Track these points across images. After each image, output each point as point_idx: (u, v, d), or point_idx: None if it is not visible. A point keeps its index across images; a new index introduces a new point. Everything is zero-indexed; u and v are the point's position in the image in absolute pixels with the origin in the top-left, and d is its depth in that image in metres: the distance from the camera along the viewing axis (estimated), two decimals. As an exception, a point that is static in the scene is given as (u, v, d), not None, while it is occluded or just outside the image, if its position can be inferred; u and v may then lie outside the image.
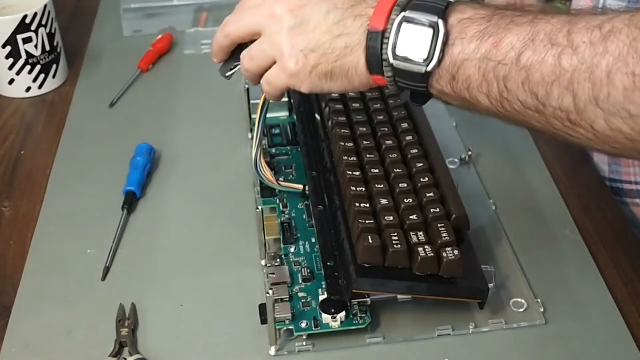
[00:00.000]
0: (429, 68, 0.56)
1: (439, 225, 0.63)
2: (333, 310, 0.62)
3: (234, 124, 0.86)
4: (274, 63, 0.63)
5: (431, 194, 0.66)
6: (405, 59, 0.57)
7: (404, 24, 0.57)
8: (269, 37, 0.63)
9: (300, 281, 0.66)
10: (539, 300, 0.65)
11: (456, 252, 0.61)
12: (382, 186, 0.67)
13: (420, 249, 0.61)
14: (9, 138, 0.87)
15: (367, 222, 0.63)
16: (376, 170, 0.68)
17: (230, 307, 0.66)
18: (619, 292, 0.67)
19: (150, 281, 0.68)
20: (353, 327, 0.62)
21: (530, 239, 0.71)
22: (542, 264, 0.69)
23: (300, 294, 0.65)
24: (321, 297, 0.64)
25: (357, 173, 0.68)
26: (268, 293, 0.62)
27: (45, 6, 0.91)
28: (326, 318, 0.62)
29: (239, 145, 0.83)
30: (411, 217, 0.64)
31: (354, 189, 0.66)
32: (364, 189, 0.67)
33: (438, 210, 0.65)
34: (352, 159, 0.70)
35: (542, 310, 0.65)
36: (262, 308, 0.62)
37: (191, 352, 0.62)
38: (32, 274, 0.69)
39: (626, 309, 0.65)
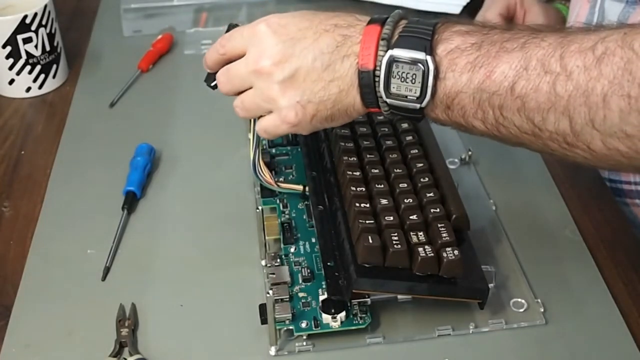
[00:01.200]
0: (423, 104, 0.58)
1: (439, 225, 0.63)
2: (333, 310, 0.62)
3: (234, 124, 0.86)
4: (269, 112, 0.64)
5: (431, 194, 0.66)
6: (398, 97, 0.58)
7: (394, 64, 0.57)
8: (260, 92, 0.63)
9: (300, 281, 0.66)
10: (539, 300, 0.65)
11: (456, 252, 0.61)
12: (382, 186, 0.67)
13: (420, 249, 0.61)
14: (9, 138, 0.87)
15: (367, 222, 0.63)
16: (376, 170, 0.68)
17: (230, 307, 0.66)
18: (619, 292, 0.67)
19: (150, 281, 0.68)
20: (353, 327, 0.62)
21: (530, 239, 0.71)
22: (542, 264, 0.69)
23: (300, 294, 0.65)
24: (321, 297, 0.64)
25: (357, 173, 0.68)
26: (268, 293, 0.62)
27: (45, 6, 0.91)
28: (326, 318, 0.62)
29: (239, 145, 0.83)
30: (411, 217, 0.64)
31: (354, 189, 0.66)
32: (364, 189, 0.67)
33: (438, 210, 0.65)
34: (352, 159, 0.70)
35: (542, 310, 0.65)
36: (262, 308, 0.62)
37: (191, 352, 0.62)
38: (32, 274, 0.69)
39: (626, 309, 0.65)
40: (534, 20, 0.90)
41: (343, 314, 0.62)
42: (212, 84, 0.69)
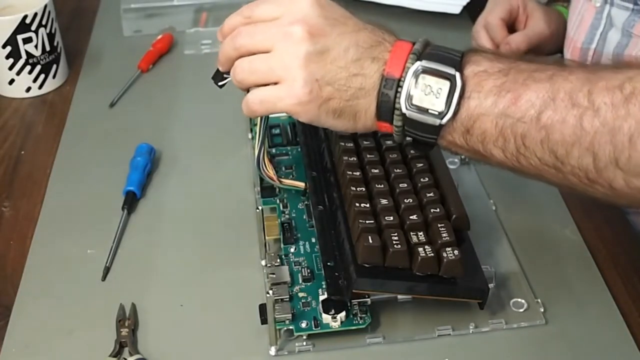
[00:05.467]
0: (444, 121, 0.55)
1: (439, 225, 0.63)
2: (333, 310, 0.62)
3: (234, 124, 0.86)
4: (275, 83, 0.59)
5: (431, 194, 0.66)
6: (419, 109, 0.55)
7: (421, 75, 0.55)
8: (280, 57, 0.59)
9: (300, 281, 0.66)
10: (539, 300, 0.65)
11: (456, 252, 0.61)
12: (382, 186, 0.67)
13: (420, 249, 0.61)
14: (9, 138, 0.87)
15: (367, 222, 0.63)
16: (376, 170, 0.68)
17: (230, 307, 0.66)
18: (619, 292, 0.67)
19: (150, 281, 0.68)
20: (353, 327, 0.62)
21: (530, 239, 0.71)
22: (542, 264, 0.69)
23: (300, 294, 0.65)
24: (321, 297, 0.64)
25: (357, 173, 0.68)
26: (268, 293, 0.62)
27: (45, 6, 0.91)
28: (326, 318, 0.62)
29: (239, 145, 0.83)
30: (411, 217, 0.64)
31: (354, 188, 0.66)
32: (364, 189, 0.67)
33: (438, 210, 0.65)
34: (352, 158, 0.70)
35: (542, 310, 0.65)
36: (262, 308, 0.63)
37: (191, 352, 0.62)
38: (32, 274, 0.69)
39: (626, 309, 0.65)
40: (535, 25, 0.90)
41: (343, 314, 0.62)
42: (220, 84, 0.66)
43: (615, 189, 0.52)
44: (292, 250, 0.69)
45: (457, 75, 0.55)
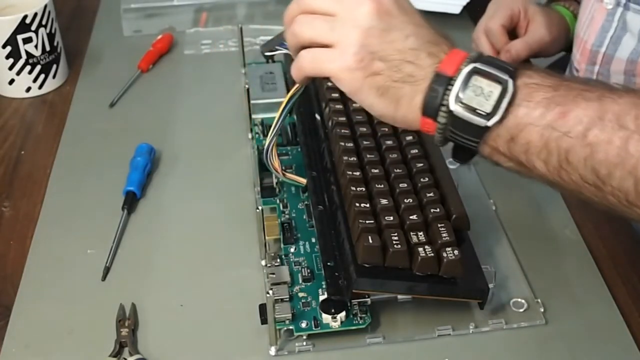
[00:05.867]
0: (490, 123, 0.55)
1: (439, 225, 0.63)
2: (333, 310, 0.62)
3: (234, 124, 0.86)
4: (327, 46, 0.59)
5: (431, 194, 0.66)
6: (468, 108, 0.55)
7: (474, 75, 0.55)
8: (342, 23, 0.59)
9: (300, 281, 0.66)
10: (539, 300, 0.65)
11: (456, 252, 0.61)
12: (382, 186, 0.67)
13: (420, 249, 0.61)
14: (9, 138, 0.87)
15: (367, 222, 0.63)
16: (376, 170, 0.68)
17: (230, 307, 0.66)
18: (619, 292, 0.67)
19: (150, 281, 0.68)
20: (353, 327, 0.62)
21: (530, 239, 0.71)
22: (542, 264, 0.69)
23: (300, 294, 0.65)
24: (321, 297, 0.64)
25: (357, 173, 0.68)
26: (268, 293, 0.62)
27: (45, 6, 0.91)
28: (326, 318, 0.62)
29: (239, 145, 0.83)
30: (411, 217, 0.64)
31: (354, 188, 0.66)
32: (364, 189, 0.67)
33: (438, 210, 0.65)
34: (352, 159, 0.70)
35: (542, 310, 0.65)
36: (262, 308, 0.63)
37: (191, 352, 0.62)
38: (32, 274, 0.69)
39: (626, 309, 0.65)
40: (536, 32, 0.90)
41: (343, 314, 0.62)
42: (267, 53, 0.65)
43: None
44: (292, 250, 0.69)
45: (510, 81, 0.55)
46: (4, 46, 0.90)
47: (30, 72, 0.92)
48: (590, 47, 0.82)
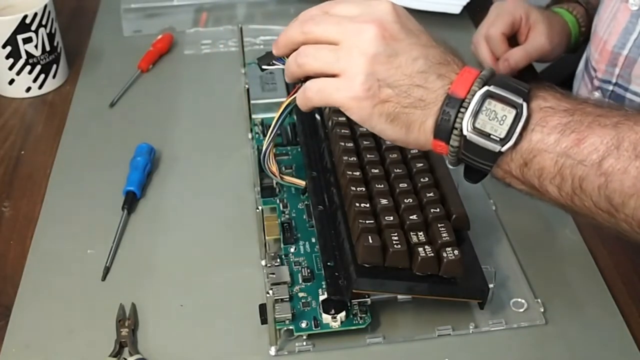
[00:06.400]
0: (504, 148, 0.55)
1: (439, 225, 0.63)
2: (333, 310, 0.62)
3: (234, 124, 0.86)
4: (332, 76, 0.59)
5: (431, 194, 0.66)
6: (481, 133, 0.55)
7: (488, 99, 0.55)
8: (348, 51, 0.58)
9: (300, 281, 0.66)
10: (539, 300, 0.65)
11: (456, 252, 0.61)
12: (382, 186, 0.67)
13: (420, 249, 0.61)
14: (9, 138, 0.87)
15: (367, 222, 0.63)
16: (376, 170, 0.68)
17: (230, 307, 0.66)
18: (619, 292, 0.67)
19: (150, 281, 0.68)
20: (353, 327, 0.62)
21: (530, 239, 0.71)
22: (542, 264, 0.69)
23: (300, 294, 0.65)
24: (321, 297, 0.64)
25: (357, 173, 0.68)
26: (268, 293, 0.62)
27: (45, 6, 0.91)
28: (326, 318, 0.62)
29: (239, 145, 0.83)
30: (411, 217, 0.64)
31: (354, 188, 0.66)
32: (364, 189, 0.67)
33: (438, 210, 0.65)
34: (352, 159, 0.70)
35: (542, 310, 0.65)
36: (262, 308, 0.62)
37: (191, 352, 0.62)
38: (32, 274, 0.69)
39: (626, 309, 0.65)
40: (536, 40, 0.89)
41: (343, 314, 0.62)
42: (264, 67, 0.65)
43: None
44: (292, 250, 0.69)
45: (524, 105, 0.54)
46: (4, 46, 0.90)
47: (30, 72, 0.92)
48: (612, 49, 0.81)
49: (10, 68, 0.92)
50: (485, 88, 0.55)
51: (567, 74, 1.04)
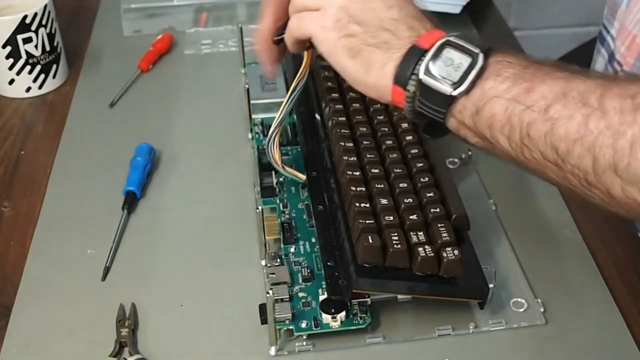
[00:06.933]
0: (456, 92, 0.56)
1: (439, 225, 0.63)
2: (333, 310, 0.62)
3: (234, 124, 0.86)
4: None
5: (431, 194, 0.66)
6: (435, 77, 0.56)
7: (446, 47, 0.57)
8: None
9: (300, 281, 0.66)
10: (539, 300, 0.65)
11: (456, 252, 0.61)
12: (382, 186, 0.67)
13: (420, 249, 0.61)
14: (9, 138, 0.87)
15: (367, 221, 0.63)
16: (376, 170, 0.68)
17: (230, 307, 0.66)
18: (619, 292, 0.67)
19: (150, 281, 0.68)
20: (353, 327, 0.62)
21: (530, 239, 0.71)
22: (542, 264, 0.69)
23: (300, 294, 0.65)
24: (321, 297, 0.64)
25: (357, 173, 0.68)
26: (268, 293, 0.62)
27: (45, 6, 0.91)
28: (326, 318, 0.62)
29: (239, 145, 0.83)
30: (411, 217, 0.64)
31: (354, 188, 0.66)
32: (363, 189, 0.67)
33: (438, 210, 0.65)
34: (352, 159, 0.70)
35: (542, 310, 0.65)
36: (262, 308, 0.62)
37: (191, 352, 0.62)
38: (32, 274, 0.69)
39: (626, 309, 0.65)
40: None
41: (343, 313, 0.62)
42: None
43: (612, 196, 0.52)
44: (292, 250, 0.69)
45: (481, 55, 0.56)
46: (4, 46, 0.90)
47: (30, 72, 0.92)
48: None
49: (10, 68, 0.92)
50: (446, 38, 0.57)
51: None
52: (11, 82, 0.93)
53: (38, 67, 0.92)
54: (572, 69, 0.55)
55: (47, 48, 0.92)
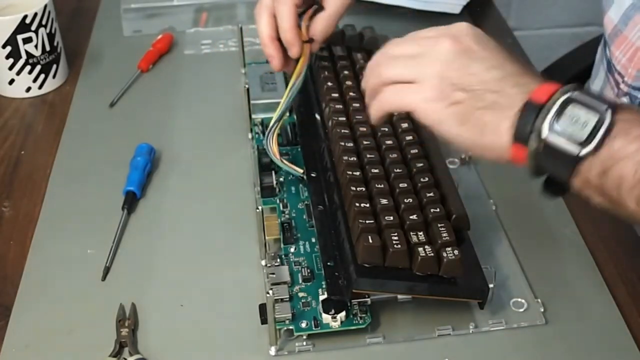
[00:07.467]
0: (583, 152, 0.53)
1: (439, 225, 0.63)
2: (333, 310, 0.62)
3: (234, 124, 0.86)
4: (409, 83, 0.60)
5: (431, 194, 0.66)
6: (560, 134, 0.53)
7: (571, 104, 0.54)
8: (423, 60, 0.60)
9: (300, 281, 0.66)
10: (539, 300, 0.65)
11: (456, 252, 0.61)
12: (382, 186, 0.67)
13: (420, 249, 0.61)
14: (9, 138, 0.87)
15: (367, 221, 0.63)
16: (376, 170, 0.68)
17: (230, 307, 0.66)
18: (619, 292, 0.67)
19: (150, 281, 0.68)
20: (353, 327, 0.62)
21: (530, 239, 0.71)
22: (542, 264, 0.69)
23: (300, 294, 0.65)
24: (321, 297, 0.64)
25: (357, 173, 0.68)
26: (268, 293, 0.62)
27: (45, 6, 0.91)
28: (326, 318, 0.62)
29: (239, 145, 0.83)
30: (411, 217, 0.64)
31: (354, 188, 0.66)
32: (364, 189, 0.67)
33: (438, 210, 0.65)
34: (352, 158, 0.70)
35: (542, 310, 0.65)
36: (262, 308, 0.62)
37: (191, 352, 0.62)
38: (32, 274, 0.69)
39: (626, 309, 0.65)
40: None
41: (343, 313, 0.62)
42: None
43: None
44: (292, 250, 0.69)
45: (609, 112, 0.53)
46: (4, 46, 0.90)
47: (30, 72, 0.92)
48: None
49: (10, 68, 0.92)
50: (569, 94, 0.54)
51: (581, 68, 1.03)
52: (11, 82, 0.93)
53: (38, 67, 0.92)
54: None
55: (47, 48, 0.92)
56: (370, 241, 0.61)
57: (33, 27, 0.90)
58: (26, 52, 0.91)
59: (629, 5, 0.83)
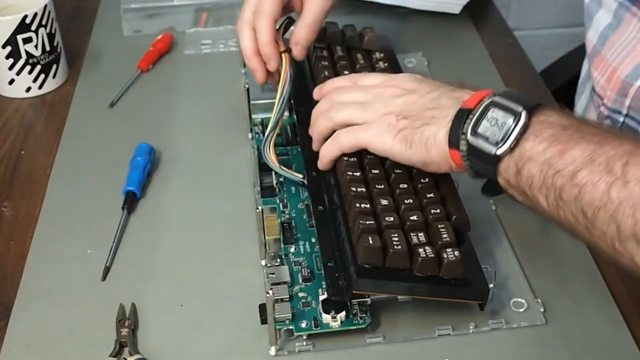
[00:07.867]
0: (499, 151, 0.57)
1: (439, 226, 0.63)
2: (333, 310, 0.62)
3: (234, 124, 0.86)
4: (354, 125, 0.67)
5: (431, 195, 0.66)
6: (481, 137, 0.58)
7: (492, 108, 0.58)
8: (370, 105, 0.67)
9: (300, 281, 0.66)
10: (539, 300, 0.65)
11: (456, 252, 0.61)
12: (382, 186, 0.67)
13: (421, 250, 0.61)
14: (9, 138, 0.87)
15: (368, 222, 0.63)
16: (376, 171, 0.68)
17: (230, 307, 0.66)
18: (619, 292, 0.67)
19: (150, 281, 0.68)
20: (353, 327, 0.62)
21: (530, 239, 0.71)
22: (542, 264, 0.69)
23: (300, 294, 0.65)
24: (321, 297, 0.64)
25: (357, 173, 0.68)
26: (268, 293, 0.62)
27: (45, 6, 0.91)
28: (326, 318, 0.62)
29: (239, 145, 0.83)
30: (411, 218, 0.64)
31: (354, 189, 0.66)
32: (364, 189, 0.67)
33: (438, 210, 0.65)
34: (352, 159, 0.70)
35: (542, 310, 0.65)
36: (262, 308, 0.62)
37: (191, 352, 0.62)
38: (32, 274, 0.69)
39: (626, 309, 0.65)
40: (313, 5, 0.79)
41: (343, 313, 0.62)
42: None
43: (637, 264, 0.52)
44: (292, 250, 0.69)
45: (524, 113, 0.57)
46: (4, 46, 0.90)
47: (30, 72, 0.92)
48: (623, 77, 0.79)
49: (10, 68, 0.91)
50: (492, 98, 0.59)
51: (567, 79, 1.03)
52: (11, 82, 0.93)
53: (38, 67, 0.92)
54: (610, 131, 0.55)
55: (47, 48, 0.92)
56: (371, 242, 0.61)
57: (33, 27, 0.90)
58: (26, 52, 0.91)
59: (606, 26, 0.84)
